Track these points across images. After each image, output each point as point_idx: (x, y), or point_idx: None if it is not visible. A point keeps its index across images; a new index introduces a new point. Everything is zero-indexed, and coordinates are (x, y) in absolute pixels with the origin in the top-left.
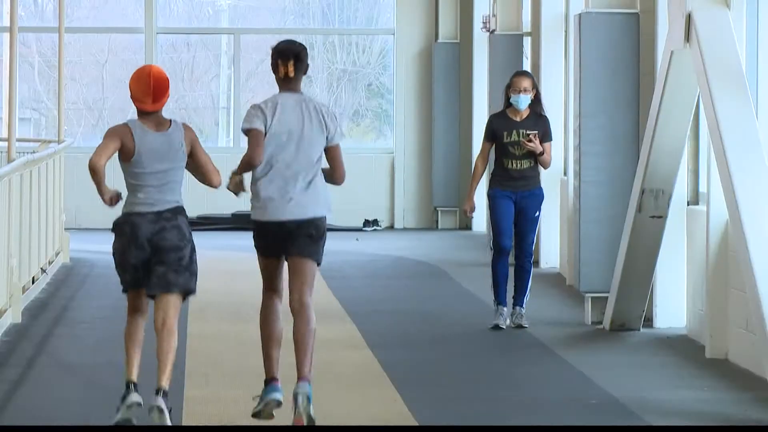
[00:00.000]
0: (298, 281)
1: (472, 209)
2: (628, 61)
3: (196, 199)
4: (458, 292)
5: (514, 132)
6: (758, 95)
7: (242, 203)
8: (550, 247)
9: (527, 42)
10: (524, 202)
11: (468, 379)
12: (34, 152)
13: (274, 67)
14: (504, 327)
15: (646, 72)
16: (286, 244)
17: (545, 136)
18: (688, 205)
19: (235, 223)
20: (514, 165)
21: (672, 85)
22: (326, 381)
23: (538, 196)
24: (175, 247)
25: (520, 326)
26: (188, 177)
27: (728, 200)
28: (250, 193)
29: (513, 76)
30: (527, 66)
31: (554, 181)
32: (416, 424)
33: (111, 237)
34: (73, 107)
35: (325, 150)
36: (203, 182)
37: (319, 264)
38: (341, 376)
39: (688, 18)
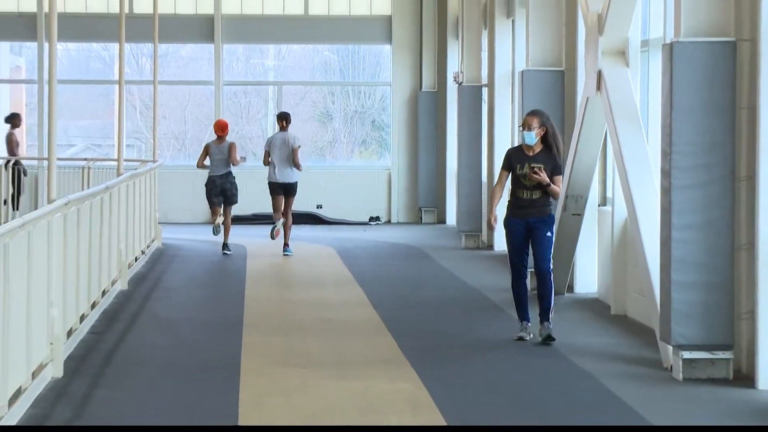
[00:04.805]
0: (288, 206)
1: (495, 219)
2: (555, 109)
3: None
4: (436, 267)
5: (526, 165)
6: (649, 129)
7: (258, 207)
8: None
9: (485, 91)
10: (535, 225)
11: (440, 327)
12: (136, 169)
13: (277, 121)
14: (528, 339)
15: (568, 114)
16: (283, 192)
17: (554, 170)
18: (599, 206)
19: (253, 220)
20: (525, 195)
21: (588, 123)
22: (341, 332)
23: (547, 220)
24: (229, 190)
25: (549, 336)
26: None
27: (627, 203)
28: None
29: (525, 115)
30: (485, 110)
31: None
32: (406, 361)
33: (192, 229)
34: (164, 137)
35: (292, 151)
36: (230, 161)
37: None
38: (352, 327)
39: (599, 73)
